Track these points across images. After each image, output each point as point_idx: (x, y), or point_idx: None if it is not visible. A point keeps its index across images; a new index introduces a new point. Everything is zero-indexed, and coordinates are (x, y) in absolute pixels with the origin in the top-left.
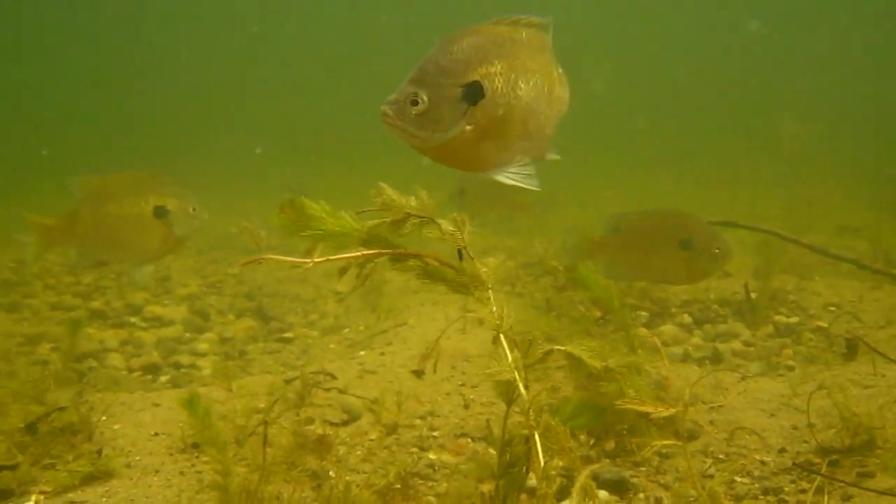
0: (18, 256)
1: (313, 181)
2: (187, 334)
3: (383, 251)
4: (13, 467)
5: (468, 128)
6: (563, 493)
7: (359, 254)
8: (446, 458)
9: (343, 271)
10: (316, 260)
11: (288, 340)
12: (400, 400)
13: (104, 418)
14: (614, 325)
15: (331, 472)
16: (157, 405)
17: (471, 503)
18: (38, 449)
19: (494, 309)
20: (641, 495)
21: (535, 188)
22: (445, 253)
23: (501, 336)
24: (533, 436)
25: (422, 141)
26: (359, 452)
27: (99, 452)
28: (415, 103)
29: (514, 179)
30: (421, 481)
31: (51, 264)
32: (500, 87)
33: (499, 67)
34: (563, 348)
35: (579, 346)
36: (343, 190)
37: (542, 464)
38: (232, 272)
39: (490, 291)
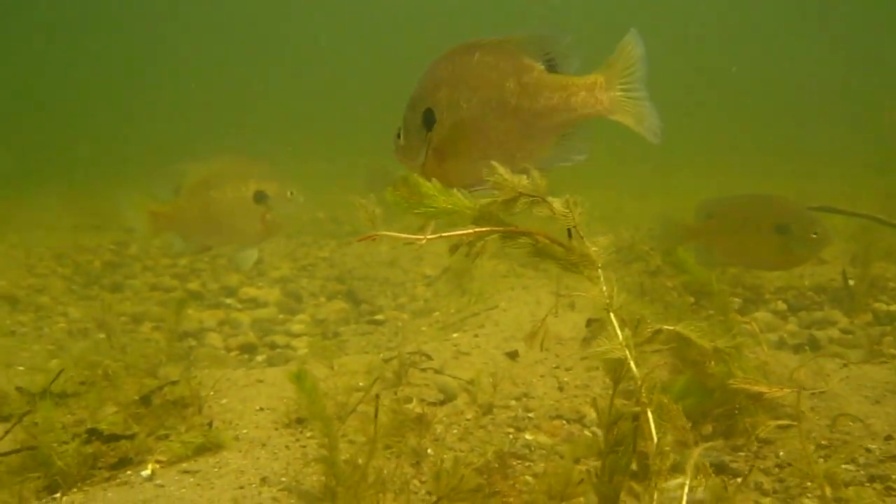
0: (119, 239)
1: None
2: (281, 315)
3: (495, 229)
4: (131, 437)
5: (430, 152)
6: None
7: (471, 231)
8: (542, 438)
9: (454, 248)
10: (429, 237)
11: (379, 322)
12: (495, 381)
13: (211, 393)
14: (707, 311)
15: (429, 450)
16: (261, 381)
17: (570, 482)
18: (152, 420)
19: (604, 288)
20: (740, 480)
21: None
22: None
23: (612, 315)
24: (645, 413)
25: (411, 168)
26: (455, 431)
27: (210, 425)
28: (398, 136)
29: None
30: (517, 461)
31: (149, 246)
32: (444, 110)
33: (444, 92)
34: (672, 328)
35: (687, 326)
36: None
37: (656, 440)
38: (322, 255)
39: (600, 270)
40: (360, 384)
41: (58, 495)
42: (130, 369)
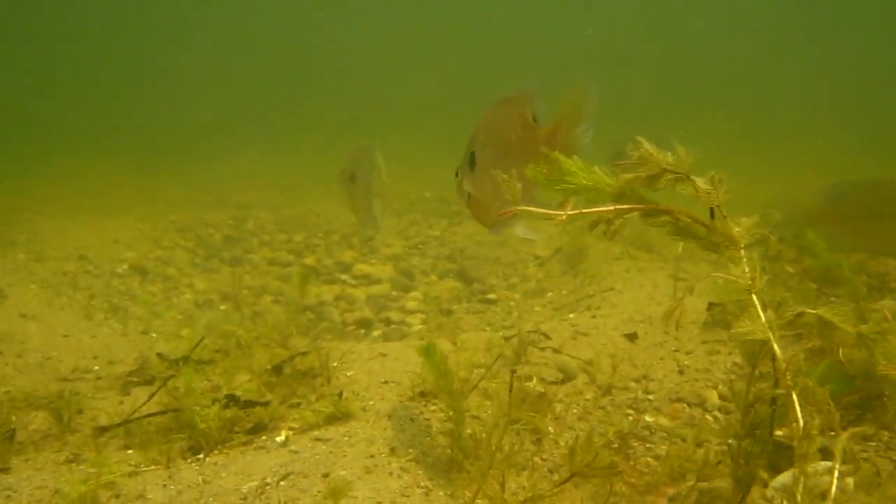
0: (237, 215)
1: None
2: (394, 292)
3: (636, 206)
4: (265, 404)
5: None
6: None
7: (611, 208)
8: (663, 421)
9: (593, 226)
10: (569, 213)
11: (491, 302)
12: (614, 362)
13: (337, 365)
14: (829, 298)
15: (550, 428)
16: (385, 355)
17: (695, 465)
18: (283, 389)
19: (747, 269)
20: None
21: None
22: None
23: (754, 296)
24: (790, 396)
25: (462, 204)
26: (575, 411)
27: (340, 395)
28: (456, 175)
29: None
30: (638, 442)
31: (264, 222)
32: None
33: (480, 136)
34: (814, 311)
35: (829, 311)
36: None
37: (802, 423)
38: (433, 234)
39: (743, 251)
40: (480, 361)
41: (201, 456)
42: (261, 339)
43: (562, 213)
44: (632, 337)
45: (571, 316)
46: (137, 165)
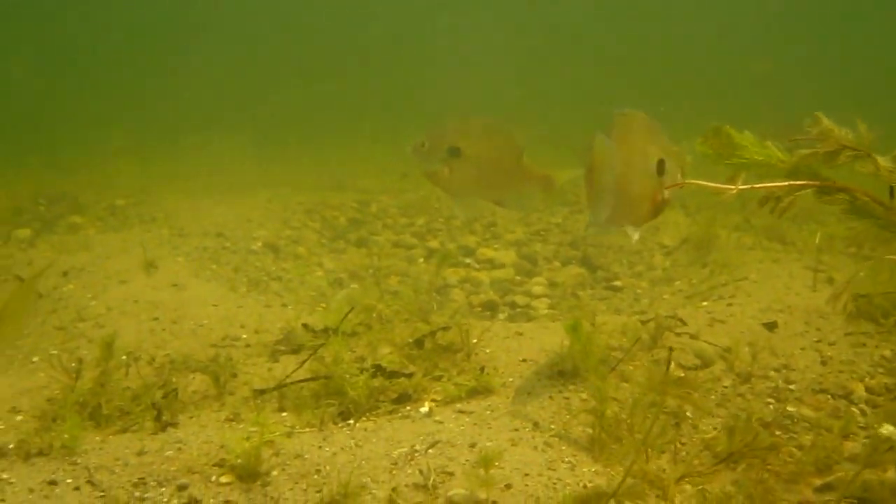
0: (360, 198)
1: None
2: (517, 277)
3: (809, 182)
4: (409, 375)
5: None
6: None
7: (784, 184)
8: (805, 411)
9: (763, 202)
10: (740, 187)
11: (617, 289)
12: (753, 350)
13: (475, 341)
14: None
15: (688, 413)
16: (521, 335)
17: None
18: (425, 362)
19: None
20: None
21: None
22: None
23: None
24: None
25: None
26: (713, 397)
27: (482, 370)
28: None
29: None
30: (780, 432)
31: (387, 206)
32: None
33: None
34: None
35: None
36: None
37: None
38: (555, 221)
39: None
40: (615, 344)
41: (351, 421)
42: (400, 315)
43: (732, 187)
44: (771, 326)
45: (705, 304)
46: (257, 149)
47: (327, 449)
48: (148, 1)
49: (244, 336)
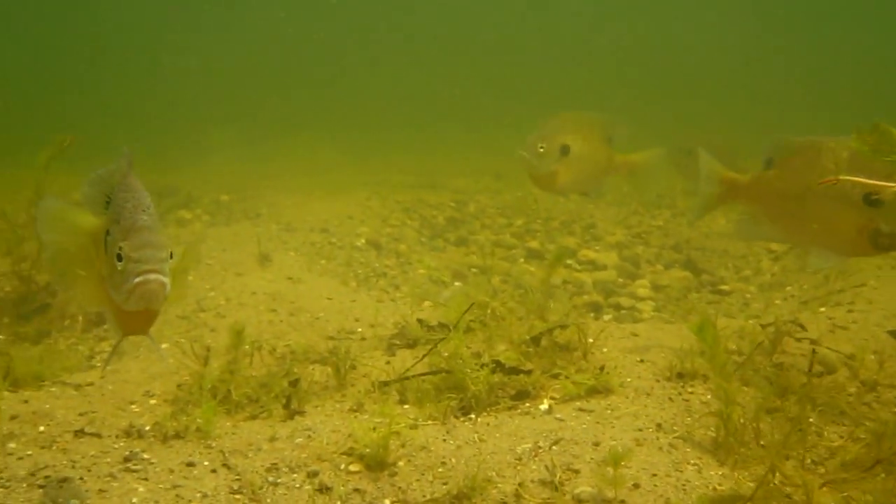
0: (457, 198)
1: None
2: (620, 279)
3: None
4: (528, 372)
5: None
6: None
7: None
8: None
9: None
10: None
11: (724, 293)
12: (880, 358)
13: (591, 340)
14: None
15: (810, 419)
16: (636, 335)
17: None
18: (542, 359)
19: None
20: None
21: None
22: None
23: None
24: None
25: None
26: (838, 405)
27: (601, 369)
28: None
29: None
30: None
31: (485, 206)
32: None
33: None
34: None
35: None
36: None
37: None
38: (656, 224)
39: None
40: (732, 347)
41: (472, 416)
42: (514, 312)
43: (892, 185)
44: None
45: (823, 310)
46: (351, 148)
47: (451, 442)
48: (252, 10)
49: (359, 329)
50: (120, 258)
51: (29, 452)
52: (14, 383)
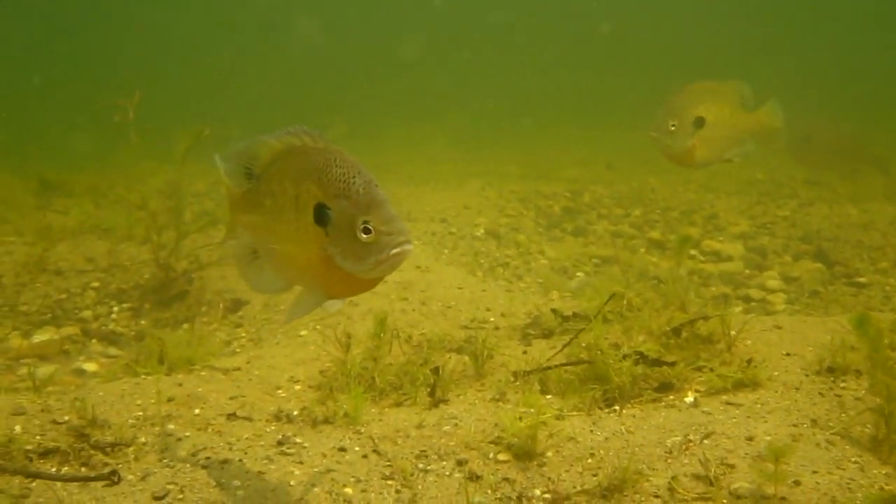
0: (572, 188)
1: None
2: (747, 271)
3: None
4: (672, 364)
5: None
6: None
7: None
8: None
9: None
10: None
11: (862, 286)
12: None
13: (733, 333)
14: None
15: None
16: (780, 328)
17: None
18: (684, 351)
19: None
20: None
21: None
22: None
23: None
24: None
25: None
26: None
27: (749, 362)
28: None
29: None
30: None
31: (600, 196)
32: None
33: None
34: None
35: None
36: None
37: None
38: (782, 214)
39: None
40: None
41: (616, 407)
42: (650, 303)
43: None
44: None
45: None
46: (461, 138)
47: (598, 434)
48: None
49: (491, 319)
50: (367, 231)
51: (187, 434)
52: (168, 367)
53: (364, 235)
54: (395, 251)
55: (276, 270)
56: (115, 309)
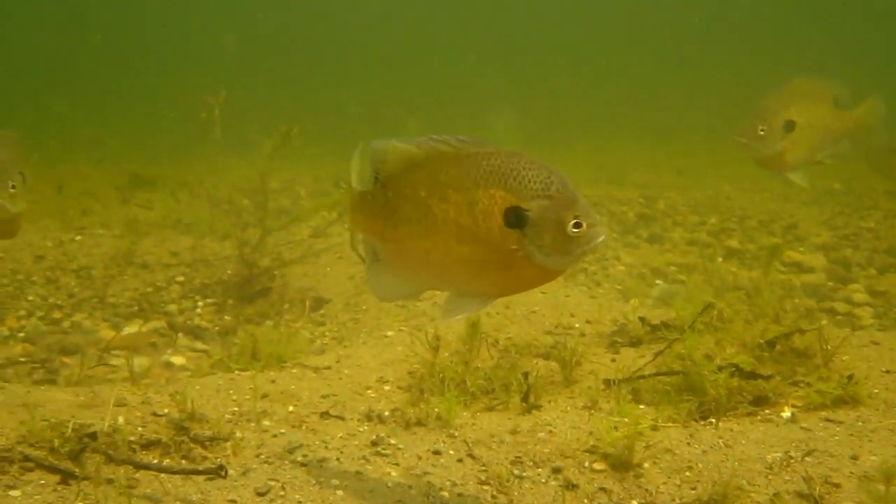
0: (645, 194)
1: None
2: (830, 283)
3: None
4: (768, 378)
5: None
6: None
7: None
8: None
9: None
10: None
11: None
12: None
13: (829, 348)
14: None
15: None
16: (877, 344)
17: None
18: (779, 364)
19: None
20: None
21: None
22: None
23: None
24: None
25: None
26: None
27: (849, 378)
28: None
29: None
30: None
31: (675, 203)
32: None
33: None
34: None
35: None
36: None
37: None
38: (866, 226)
39: None
40: None
41: (713, 420)
42: (741, 314)
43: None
44: None
45: None
46: (530, 142)
47: (696, 446)
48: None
49: (576, 325)
50: (578, 226)
51: (282, 431)
52: (261, 364)
53: (575, 230)
54: (600, 239)
55: (415, 276)
56: (200, 304)
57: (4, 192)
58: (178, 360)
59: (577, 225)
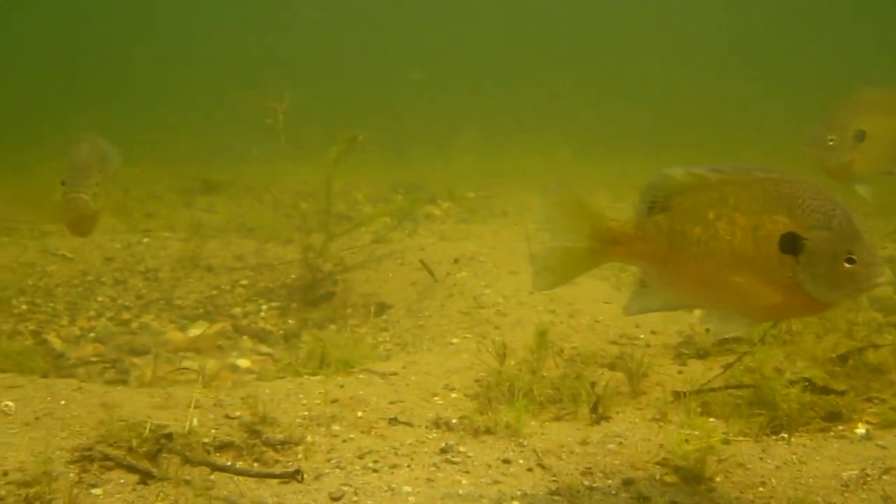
0: None
1: None
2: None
3: None
4: (842, 393)
5: None
6: None
7: None
8: None
9: None
10: None
11: None
12: None
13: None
14: None
15: None
16: None
17: None
18: (851, 380)
19: None
20: None
21: None
22: None
23: None
24: None
25: None
26: None
27: None
28: None
29: None
30: None
31: None
32: None
33: None
34: None
35: None
36: None
37: None
38: None
39: None
40: None
41: (785, 435)
42: (810, 327)
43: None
44: None
45: None
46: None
47: (769, 462)
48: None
49: (641, 336)
50: (850, 261)
51: (352, 436)
52: (331, 369)
53: (847, 265)
54: (880, 280)
55: (687, 297)
56: (264, 307)
57: (89, 190)
58: (243, 362)
59: (850, 261)
